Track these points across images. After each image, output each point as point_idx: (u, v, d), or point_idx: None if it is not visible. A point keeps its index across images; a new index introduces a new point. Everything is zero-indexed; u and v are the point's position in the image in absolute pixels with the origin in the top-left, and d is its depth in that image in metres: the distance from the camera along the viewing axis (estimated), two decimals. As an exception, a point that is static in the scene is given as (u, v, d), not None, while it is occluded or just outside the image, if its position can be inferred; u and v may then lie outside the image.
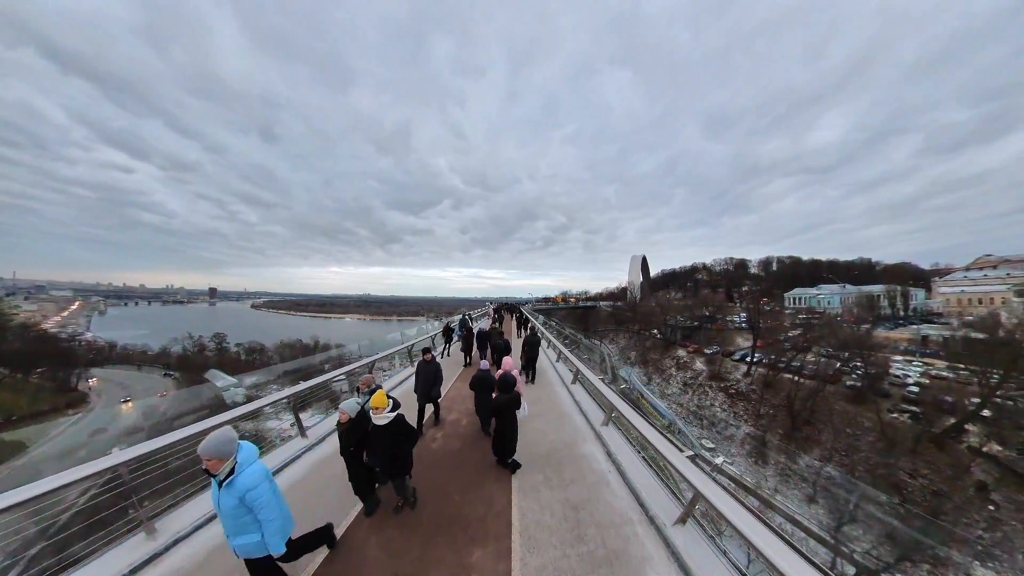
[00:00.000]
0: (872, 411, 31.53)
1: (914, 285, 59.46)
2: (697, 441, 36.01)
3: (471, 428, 6.76)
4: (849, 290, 57.51)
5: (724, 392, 40.87)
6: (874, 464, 28.63)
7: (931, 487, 26.06)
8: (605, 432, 6.28)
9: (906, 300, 53.20)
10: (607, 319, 74.71)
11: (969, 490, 24.74)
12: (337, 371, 8.11)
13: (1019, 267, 55.74)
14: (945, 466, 26.63)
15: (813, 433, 32.74)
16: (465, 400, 8.07)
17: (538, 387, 9.75)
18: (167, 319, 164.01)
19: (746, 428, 35.66)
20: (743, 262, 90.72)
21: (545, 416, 7.31)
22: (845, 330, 37.65)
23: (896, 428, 29.49)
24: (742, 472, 30.48)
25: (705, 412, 39.77)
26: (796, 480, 29.87)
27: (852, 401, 33.60)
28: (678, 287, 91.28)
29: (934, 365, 37.06)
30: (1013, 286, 42.05)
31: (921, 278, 64.11)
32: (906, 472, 27.36)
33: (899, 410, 30.98)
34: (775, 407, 36.33)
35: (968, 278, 55.00)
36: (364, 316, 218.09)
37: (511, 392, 5.15)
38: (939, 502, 24.83)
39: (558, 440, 6.24)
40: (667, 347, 54.85)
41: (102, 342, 70.43)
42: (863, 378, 34.59)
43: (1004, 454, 25.89)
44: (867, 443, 30.11)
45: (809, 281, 68.70)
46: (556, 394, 9.00)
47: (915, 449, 28.16)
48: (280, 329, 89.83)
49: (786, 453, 31.02)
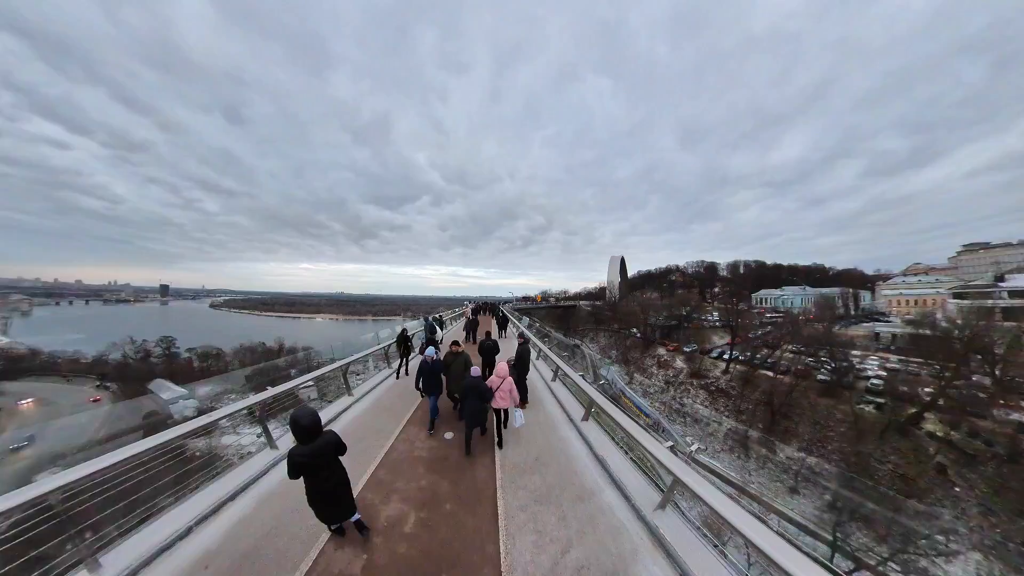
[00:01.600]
0: (843, 403, 33.87)
1: (862, 288, 65.38)
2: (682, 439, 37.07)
3: None
4: (809, 292, 62.24)
5: (705, 389, 42.32)
6: (847, 453, 30.64)
7: (897, 471, 28.27)
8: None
9: (857, 301, 58.33)
10: (587, 318, 75.68)
11: (930, 472, 27.04)
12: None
13: (944, 274, 63.43)
14: (908, 451, 29.02)
15: (791, 426, 34.56)
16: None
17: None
18: (108, 321, 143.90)
19: (728, 424, 37.11)
20: (713, 265, 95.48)
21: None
22: (817, 328, 40.22)
23: (864, 418, 31.81)
24: (725, 466, 31.66)
25: (687, 409, 41.00)
26: (777, 472, 31.36)
27: (823, 394, 35.94)
28: (654, 287, 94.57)
29: (888, 359, 40.73)
30: (949, 289, 47.27)
31: (867, 282, 71.01)
32: (875, 459, 29.54)
33: (865, 401, 33.49)
34: (754, 403, 38.10)
35: (905, 282, 61.31)
36: (337, 316, 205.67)
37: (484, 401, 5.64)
38: (905, 485, 26.96)
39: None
40: (647, 346, 56.22)
41: (22, 349, 61.17)
42: (832, 372, 37.18)
43: (955, 437, 28.63)
44: (839, 433, 32.26)
45: (773, 283, 73.79)
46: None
47: (882, 437, 30.47)
48: (242, 331, 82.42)
49: (766, 446, 32.51)
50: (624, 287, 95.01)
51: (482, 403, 5.64)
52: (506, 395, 5.87)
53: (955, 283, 54.10)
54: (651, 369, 49.81)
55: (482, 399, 5.64)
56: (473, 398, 5.61)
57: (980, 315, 35.21)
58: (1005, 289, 39.83)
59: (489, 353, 9.27)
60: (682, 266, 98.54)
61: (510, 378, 5.95)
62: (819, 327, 42.71)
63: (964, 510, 24.23)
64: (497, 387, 5.84)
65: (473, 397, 5.61)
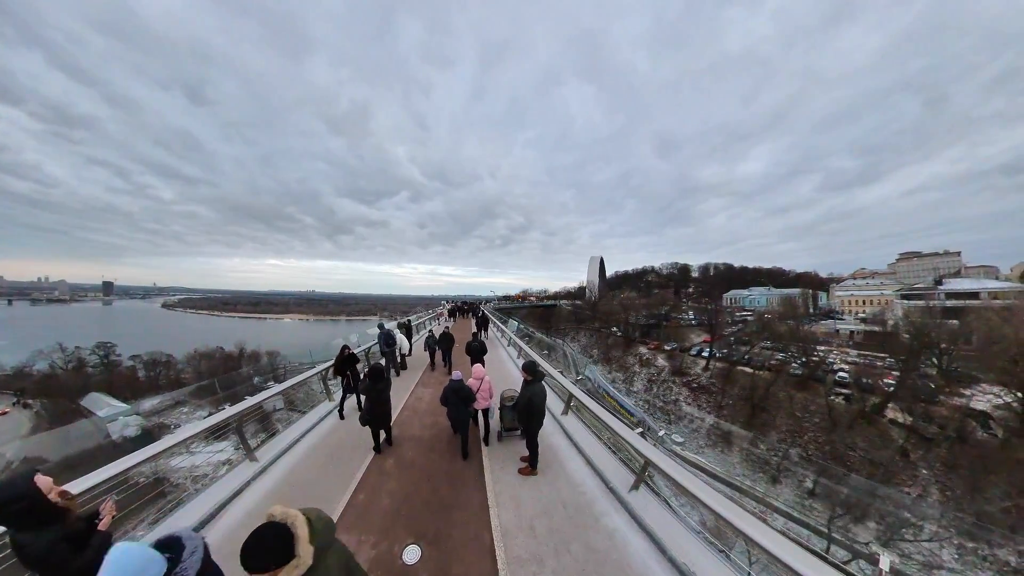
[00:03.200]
0: (816, 395, 36.26)
1: (818, 289, 71.14)
2: (668, 437, 36.98)
3: None
4: (773, 292, 66.78)
5: (687, 387, 43.76)
6: (822, 442, 32.73)
7: (867, 457, 30.57)
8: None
9: (815, 301, 63.34)
10: (568, 317, 76.40)
11: (895, 455, 29.45)
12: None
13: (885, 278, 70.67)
14: (875, 437, 31.48)
15: (769, 419, 36.49)
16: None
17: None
18: (36, 324, 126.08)
19: (710, 419, 38.59)
20: (686, 267, 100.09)
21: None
22: (788, 325, 42.81)
23: (836, 409, 34.19)
24: (710, 462, 32.81)
25: (671, 407, 42.25)
26: (759, 463, 32.91)
27: (796, 388, 38.32)
28: (631, 287, 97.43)
29: (848, 353, 44.32)
30: (897, 291, 52.50)
31: (821, 284, 77.59)
32: (846, 446, 31.79)
33: (835, 393, 36.05)
34: (735, 398, 39.90)
35: (855, 284, 67.45)
36: (308, 316, 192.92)
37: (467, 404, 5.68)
38: (875, 469, 29.19)
39: None
40: (628, 344, 57.53)
41: (-87, 359, 51.90)
42: (803, 367, 39.77)
43: (913, 423, 31.47)
44: (814, 424, 34.44)
45: (741, 284, 78.57)
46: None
47: (851, 426, 32.86)
48: (199, 334, 75.35)
49: (748, 440, 34.11)
50: (603, 287, 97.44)
51: (466, 407, 5.68)
52: (486, 395, 6.11)
53: (897, 286, 60.13)
54: (633, 368, 50.88)
55: (466, 402, 5.68)
56: (456, 403, 5.63)
57: (923, 314, 39.32)
58: (943, 291, 44.53)
59: (476, 355, 9.34)
60: (657, 267, 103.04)
61: (488, 378, 6.18)
62: (789, 324, 45.69)
63: (925, 488, 26.58)
64: (478, 389, 5.96)
65: (456, 402, 5.63)
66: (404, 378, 10.45)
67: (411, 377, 10.55)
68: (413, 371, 11.21)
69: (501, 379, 9.36)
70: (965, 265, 62.75)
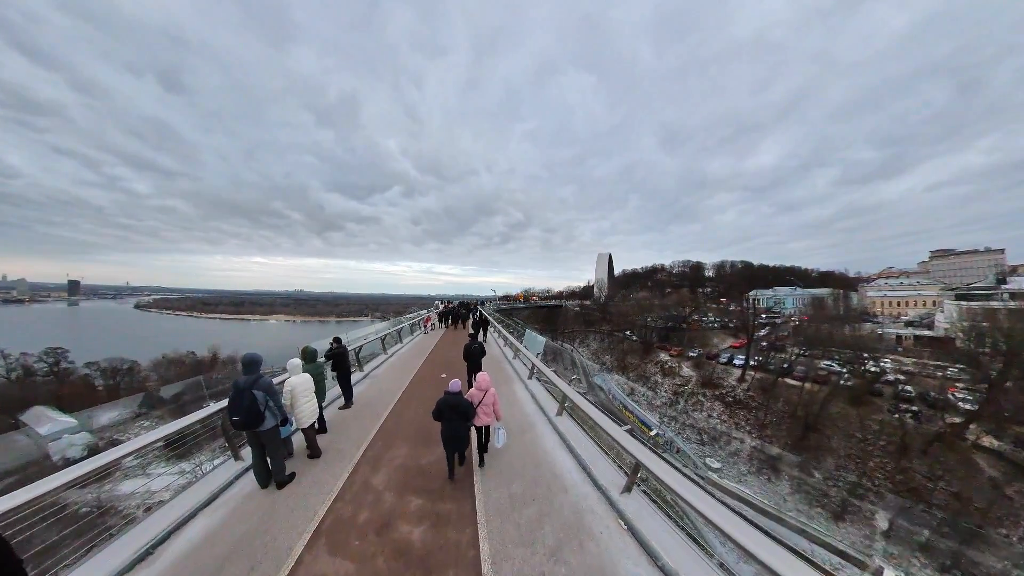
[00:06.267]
0: (875, 411, 31.26)
1: (844, 289, 66.26)
2: (702, 461, 31.70)
3: None
4: (800, 292, 61.83)
5: (720, 400, 38.60)
6: (890, 470, 27.74)
7: (949, 488, 25.52)
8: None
9: (847, 302, 58.44)
10: (575, 319, 71.19)
11: (985, 488, 24.42)
12: None
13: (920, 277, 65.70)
14: (957, 465, 26.44)
15: (822, 440, 31.42)
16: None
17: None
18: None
19: (751, 441, 33.47)
20: (699, 265, 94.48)
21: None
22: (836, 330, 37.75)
23: (904, 430, 29.12)
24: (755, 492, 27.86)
25: (702, 424, 37.11)
26: (816, 495, 27.83)
27: (851, 403, 33.23)
28: (640, 286, 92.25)
29: (901, 361, 39.29)
30: (949, 290, 47.48)
31: (848, 284, 72.67)
32: (922, 475, 26.75)
33: (899, 410, 30.98)
34: (778, 414, 34.78)
35: (888, 284, 62.59)
36: (294, 317, 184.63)
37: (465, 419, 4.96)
38: (961, 505, 24.20)
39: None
40: (646, 350, 52.35)
41: None
42: (856, 377, 34.67)
43: (1003, 448, 26.43)
44: (878, 447, 29.37)
45: (762, 283, 73.52)
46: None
47: (925, 451, 27.83)
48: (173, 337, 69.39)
49: (799, 466, 29.01)
50: (613, 285, 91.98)
51: (464, 423, 4.90)
52: (489, 410, 5.26)
53: (936, 285, 55.31)
54: (655, 377, 45.71)
55: (464, 418, 4.89)
56: (452, 418, 4.81)
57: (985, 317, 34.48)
58: (1007, 291, 39.56)
59: (475, 358, 8.62)
60: (667, 266, 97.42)
61: (492, 389, 5.32)
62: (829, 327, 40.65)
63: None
64: (479, 402, 5.17)
65: (452, 417, 4.81)
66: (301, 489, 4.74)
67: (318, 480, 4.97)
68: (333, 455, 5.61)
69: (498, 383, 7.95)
70: (1008, 264, 58.01)
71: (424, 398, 8.25)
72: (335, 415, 7.19)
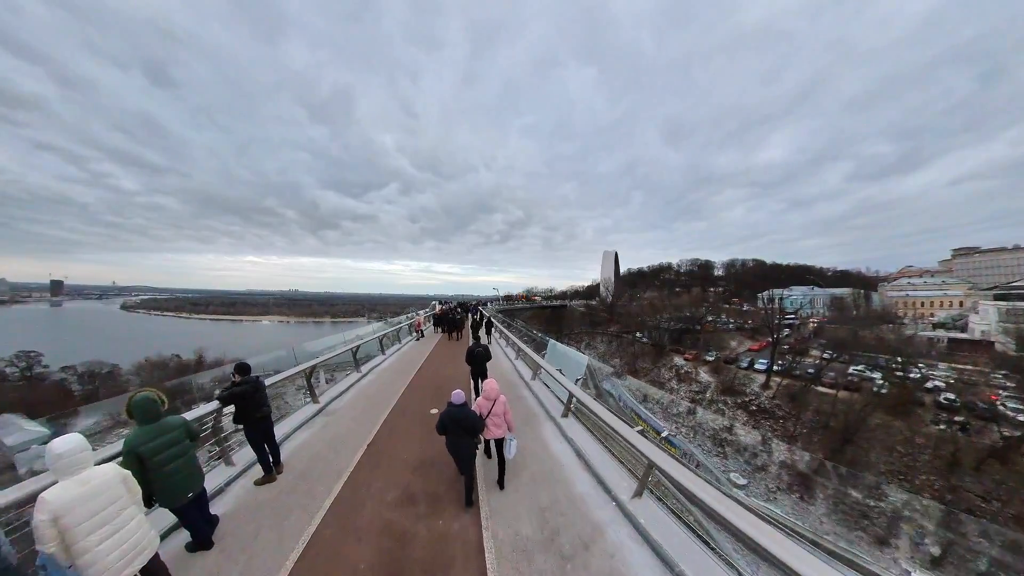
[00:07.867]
0: (914, 422, 28.61)
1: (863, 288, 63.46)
2: (725, 476, 28.84)
3: None
4: (818, 292, 59.14)
5: (743, 408, 35.91)
6: (940, 488, 25.08)
7: (1009, 511, 22.86)
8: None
9: (868, 302, 55.76)
10: (581, 320, 68.54)
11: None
12: None
13: (944, 276, 62.80)
14: (1018, 485, 23.80)
15: (859, 453, 28.75)
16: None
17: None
18: None
19: (780, 454, 30.79)
20: (708, 263, 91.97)
21: None
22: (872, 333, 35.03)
23: (955, 443, 26.44)
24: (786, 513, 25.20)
25: (725, 435, 34.43)
26: (856, 515, 25.16)
27: (889, 412, 30.55)
28: (646, 286, 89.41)
29: (935, 365, 36.62)
30: (986, 289, 44.69)
31: (867, 283, 69.86)
32: (976, 495, 24.10)
33: (948, 421, 28.31)
34: (808, 425, 32.10)
35: (911, 284, 59.81)
36: (288, 318, 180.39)
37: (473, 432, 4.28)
38: (1023, 530, 21.55)
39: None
40: (658, 353, 49.66)
41: None
42: (893, 384, 31.99)
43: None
44: (924, 462, 26.69)
45: (775, 283, 70.71)
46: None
47: (978, 467, 25.18)
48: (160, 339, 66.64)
49: (846, 480, 26.33)
50: (620, 285, 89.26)
51: (471, 438, 4.19)
52: (500, 421, 4.55)
53: (964, 284, 52.54)
54: (670, 383, 43.01)
55: (471, 432, 4.18)
56: (458, 433, 4.16)
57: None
58: (1052, 290, 36.70)
59: (479, 362, 7.86)
60: (675, 264, 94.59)
61: (502, 397, 4.63)
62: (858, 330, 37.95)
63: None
64: (488, 412, 4.47)
65: (457, 432, 4.16)
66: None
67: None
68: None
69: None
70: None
71: (404, 460, 5.41)
72: (243, 496, 4.41)
